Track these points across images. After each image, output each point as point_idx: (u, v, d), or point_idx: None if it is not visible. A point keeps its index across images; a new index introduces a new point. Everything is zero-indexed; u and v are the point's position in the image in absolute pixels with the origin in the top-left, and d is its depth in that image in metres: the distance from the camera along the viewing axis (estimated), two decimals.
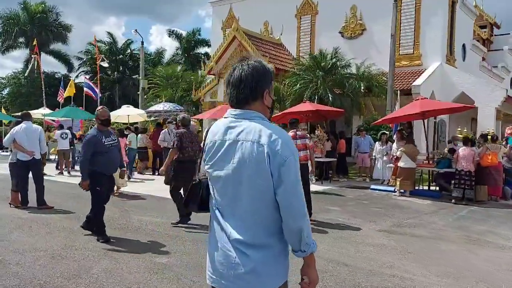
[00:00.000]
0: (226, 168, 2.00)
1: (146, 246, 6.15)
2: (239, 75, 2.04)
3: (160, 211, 8.87)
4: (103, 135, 6.27)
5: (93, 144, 6.18)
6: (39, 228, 7.05)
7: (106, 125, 6.50)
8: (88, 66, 46.87)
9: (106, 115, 6.46)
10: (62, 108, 20.92)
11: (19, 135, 8.61)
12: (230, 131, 2.02)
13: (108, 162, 6.29)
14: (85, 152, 6.23)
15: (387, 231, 7.65)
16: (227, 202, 2.02)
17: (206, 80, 23.12)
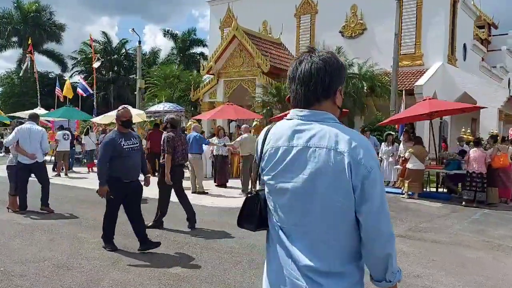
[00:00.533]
0: (294, 180, 1.67)
1: (156, 255, 5.80)
2: (309, 69, 1.71)
3: (167, 216, 8.50)
4: (122, 138, 5.73)
5: (111, 147, 5.67)
6: (40, 235, 6.68)
7: (127, 127, 5.94)
8: (82, 66, 46.32)
9: (128, 115, 5.90)
10: (58, 109, 20.46)
11: (22, 137, 8.23)
12: (298, 136, 1.69)
13: (126, 167, 5.74)
14: (102, 155, 5.72)
15: (404, 236, 7.36)
16: (294, 220, 1.69)
17: (205, 80, 22.75)
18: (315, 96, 1.71)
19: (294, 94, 1.76)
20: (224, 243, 6.51)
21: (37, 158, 8.30)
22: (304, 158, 1.65)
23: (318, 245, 1.65)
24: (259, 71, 19.14)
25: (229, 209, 9.49)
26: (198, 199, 10.52)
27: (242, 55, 19.95)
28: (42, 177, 8.56)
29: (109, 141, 5.71)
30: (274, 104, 17.28)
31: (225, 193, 11.63)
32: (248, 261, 5.63)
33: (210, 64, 20.62)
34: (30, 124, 8.47)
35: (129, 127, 6.00)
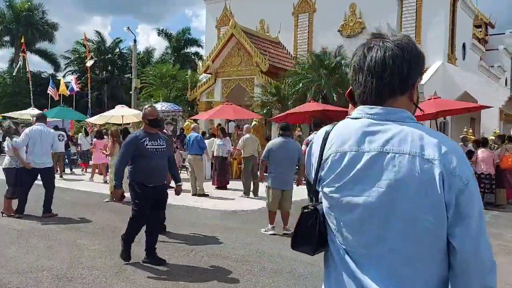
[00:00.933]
0: (366, 194, 1.34)
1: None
2: (382, 57, 1.39)
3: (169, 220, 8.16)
4: (147, 137, 5.22)
5: (133, 146, 5.16)
6: (37, 242, 6.33)
7: (155, 126, 5.42)
8: (75, 66, 45.80)
9: (155, 114, 5.42)
10: (52, 108, 20.05)
11: (33, 138, 7.89)
12: (371, 139, 1.37)
13: (149, 169, 5.17)
14: (122, 154, 5.23)
15: None
16: (365, 243, 1.36)
17: (202, 80, 22.39)
18: (390, 89, 1.40)
19: (362, 87, 1.44)
20: (231, 249, 6.19)
21: (46, 163, 8.01)
22: (379, 167, 1.33)
23: (398, 274, 1.33)
24: (257, 70, 18.81)
25: (232, 212, 9.20)
26: (199, 202, 10.21)
27: (240, 54, 19.60)
28: (50, 182, 8.24)
29: (132, 139, 5.25)
30: (274, 103, 16.96)
31: (226, 195, 11.30)
32: (260, 269, 5.32)
33: (208, 63, 20.25)
34: (41, 125, 8.13)
35: (157, 127, 5.49)
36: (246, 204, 10.11)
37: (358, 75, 1.44)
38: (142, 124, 5.53)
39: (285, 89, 16.94)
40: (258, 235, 7.13)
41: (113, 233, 6.92)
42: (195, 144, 11.08)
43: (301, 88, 15.72)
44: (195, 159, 11.10)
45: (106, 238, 6.62)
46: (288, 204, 7.17)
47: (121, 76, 45.73)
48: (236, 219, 8.49)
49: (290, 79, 16.46)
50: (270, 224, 7.20)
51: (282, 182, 6.99)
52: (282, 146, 6.98)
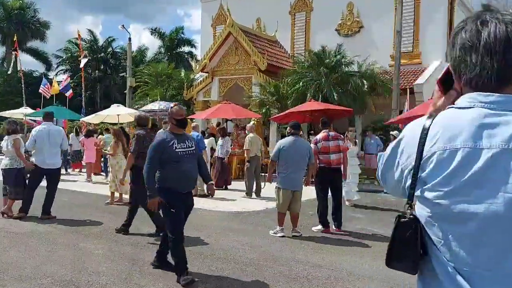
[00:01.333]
0: (488, 201, 1.09)
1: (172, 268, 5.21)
2: (504, 32, 1.15)
3: None
4: (175, 140, 4.69)
5: (160, 150, 4.65)
6: (38, 245, 6.04)
7: (183, 127, 4.93)
8: (67, 65, 45.25)
9: (183, 113, 4.90)
10: (46, 108, 19.57)
11: (40, 138, 7.60)
12: (490, 133, 1.13)
13: (179, 175, 4.67)
14: (150, 159, 4.68)
15: None
16: (486, 262, 1.11)
17: (198, 79, 22.11)
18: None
19: (476, 70, 1.19)
20: (241, 253, 5.95)
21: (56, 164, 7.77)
22: (504, 167, 1.10)
23: None
24: (255, 69, 18.58)
25: (236, 214, 8.95)
26: (200, 203, 9.87)
27: (238, 52, 19.35)
28: (55, 184, 7.99)
29: (159, 143, 4.74)
30: (273, 103, 16.72)
31: (227, 196, 11.02)
32: (274, 274, 5.08)
33: (204, 62, 19.98)
34: (47, 125, 7.85)
35: (184, 127, 5.05)
36: (249, 205, 9.86)
37: (470, 55, 1.20)
38: (168, 125, 4.99)
39: (284, 88, 16.70)
40: (267, 237, 6.89)
41: (116, 236, 6.67)
42: None
43: (301, 87, 15.49)
44: None
45: (109, 241, 6.35)
46: (298, 205, 6.95)
47: (114, 75, 45.25)
48: (241, 221, 8.24)
49: (290, 78, 16.22)
50: (279, 226, 6.96)
51: (293, 183, 6.76)
52: (293, 146, 6.74)
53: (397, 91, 15.64)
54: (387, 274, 5.17)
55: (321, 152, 7.21)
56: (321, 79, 15.53)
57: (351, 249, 6.28)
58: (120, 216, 8.13)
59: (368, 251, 6.24)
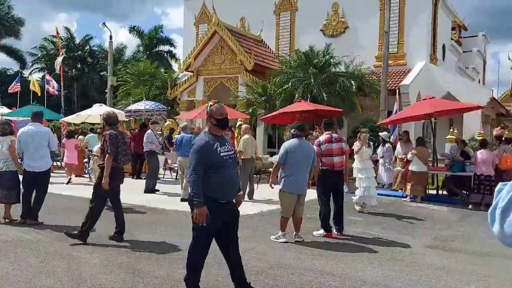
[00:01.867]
0: None
1: (173, 278, 4.90)
2: None
3: (168, 227, 7.59)
4: (217, 142, 4.17)
5: (206, 154, 4.10)
6: (28, 255, 5.63)
7: (223, 128, 4.41)
8: (42, 63, 44.09)
9: (224, 112, 4.33)
10: (24, 107, 18.95)
11: (24, 140, 7.17)
12: None
13: (224, 182, 4.17)
14: (195, 164, 4.09)
15: (434, 247, 6.76)
16: None
17: (182, 78, 21.71)
18: None
19: None
20: (247, 261, 5.61)
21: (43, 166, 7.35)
22: None
23: None
24: (242, 69, 18.32)
25: None
26: None
27: (223, 51, 19.06)
28: (43, 187, 7.56)
29: (204, 146, 4.12)
30: (261, 103, 16.47)
31: None
32: (287, 284, 4.84)
33: (189, 61, 19.61)
34: (34, 125, 7.41)
35: (225, 128, 4.56)
36: (244, 208, 9.40)
37: None
38: (208, 126, 4.36)
39: (271, 89, 16.46)
40: (268, 243, 6.63)
41: (112, 244, 6.30)
42: (185, 145, 10.42)
43: (290, 87, 15.29)
44: (187, 160, 10.46)
45: (105, 249, 5.98)
46: (302, 209, 6.72)
47: (92, 74, 44.30)
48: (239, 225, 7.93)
49: (278, 78, 15.99)
50: (282, 231, 6.71)
51: (298, 186, 6.51)
52: (299, 148, 6.49)
53: (385, 92, 15.59)
54: (403, 282, 4.99)
55: (324, 154, 6.99)
56: (309, 79, 15.35)
57: (359, 255, 6.07)
58: (109, 220, 7.76)
59: (376, 256, 6.04)
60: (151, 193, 11.30)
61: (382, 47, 20.91)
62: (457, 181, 11.66)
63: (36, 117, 7.76)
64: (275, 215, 8.90)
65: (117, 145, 6.25)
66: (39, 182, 7.54)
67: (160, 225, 7.74)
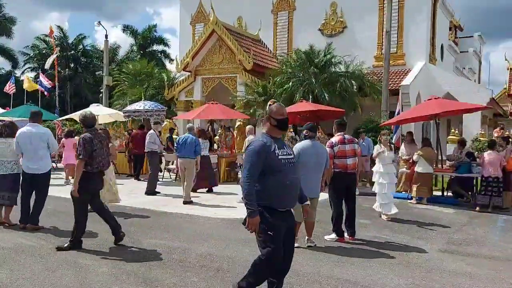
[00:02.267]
0: None
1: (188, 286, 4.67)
2: None
3: (174, 231, 7.33)
4: (275, 144, 3.84)
5: (263, 156, 3.74)
6: (32, 263, 5.36)
7: (284, 129, 4.06)
8: (35, 62, 43.54)
9: (284, 112, 3.96)
10: (18, 107, 18.53)
11: (22, 141, 6.89)
12: None
13: (282, 188, 3.79)
14: (251, 167, 3.72)
15: (450, 252, 6.57)
16: None
17: (179, 78, 21.42)
18: None
19: None
20: None
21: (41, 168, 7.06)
22: None
23: None
24: (240, 69, 18.08)
25: (239, 221, 8.35)
26: (197, 210, 9.34)
27: (222, 51, 18.81)
28: (42, 190, 7.28)
29: (261, 147, 3.75)
30: (261, 103, 16.22)
31: (220, 201, 10.44)
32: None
33: (187, 61, 19.33)
34: (32, 126, 7.12)
35: (286, 129, 4.20)
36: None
37: None
38: (266, 126, 3.97)
39: (271, 89, 16.25)
40: None
41: (119, 250, 6.05)
42: (189, 146, 10.15)
43: (290, 87, 15.08)
44: (191, 162, 10.21)
45: (113, 256, 5.72)
46: (314, 213, 6.51)
47: (85, 74, 43.78)
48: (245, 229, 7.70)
49: (278, 78, 15.78)
50: None
51: (311, 189, 6.27)
52: (312, 149, 6.27)
53: (387, 92, 15.43)
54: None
55: (337, 156, 6.78)
56: (311, 79, 15.16)
57: (376, 261, 5.86)
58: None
59: (394, 262, 5.84)
60: (152, 195, 11.04)
61: (381, 47, 20.90)
62: (461, 182, 11.50)
63: (34, 117, 7.46)
64: None
65: (92, 149, 5.90)
66: (39, 184, 7.28)
67: (165, 229, 7.49)
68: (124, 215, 8.47)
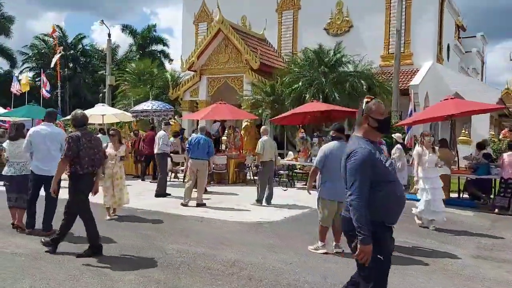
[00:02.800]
0: None
1: None
2: None
3: (193, 235, 7.07)
4: (377, 151, 3.25)
5: (371, 166, 3.13)
6: (54, 271, 5.07)
7: (386, 131, 3.59)
8: (33, 62, 43.14)
9: (385, 111, 3.40)
10: (21, 107, 18.18)
11: (36, 140, 6.61)
12: None
13: (395, 200, 3.21)
14: (360, 183, 3.08)
15: (484, 258, 6.34)
16: None
17: (183, 77, 21.13)
18: None
19: None
20: (294, 276, 5.19)
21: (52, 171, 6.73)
22: None
23: None
24: (247, 68, 17.82)
25: (257, 225, 8.15)
26: (211, 213, 9.07)
27: (227, 50, 18.54)
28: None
29: (367, 157, 3.13)
30: (270, 103, 15.97)
31: (232, 204, 10.16)
32: None
33: (192, 60, 19.04)
34: (47, 125, 6.84)
35: (388, 131, 3.43)
36: (264, 214, 9.08)
37: None
38: (362, 128, 3.34)
39: (279, 88, 16.00)
40: (309, 254, 6.16)
41: (141, 256, 5.78)
42: (202, 147, 9.86)
43: (300, 87, 14.83)
44: (204, 164, 9.92)
45: (137, 264, 5.45)
46: None
47: (84, 74, 43.41)
48: (268, 233, 7.46)
49: (288, 78, 15.53)
50: (321, 242, 6.24)
51: (339, 193, 5.95)
52: (340, 151, 6.00)
53: (397, 92, 15.22)
54: None
55: None
56: (320, 79, 14.91)
57: (409, 268, 5.61)
58: (132, 229, 7.29)
59: (428, 269, 5.62)
60: (163, 197, 10.77)
61: (387, 46, 20.74)
62: (478, 184, 11.29)
63: (49, 117, 7.20)
64: (300, 221, 8.49)
65: (78, 149, 5.64)
66: (47, 187, 6.98)
67: (184, 233, 7.23)
68: (137, 219, 8.22)
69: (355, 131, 3.43)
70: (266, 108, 16.02)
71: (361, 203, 3.04)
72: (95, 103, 20.27)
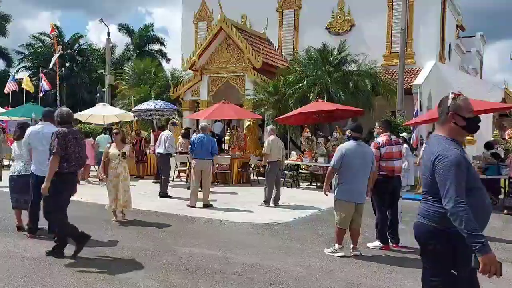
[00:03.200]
0: None
1: None
2: None
3: (205, 237, 6.89)
4: (464, 153, 2.90)
5: (465, 169, 2.78)
6: (66, 276, 4.89)
7: (475, 131, 3.08)
8: (29, 62, 42.75)
9: (473, 109, 3.02)
10: (19, 107, 17.97)
11: (34, 140, 6.39)
12: None
13: (485, 210, 2.90)
14: (458, 187, 2.72)
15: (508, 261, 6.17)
16: None
17: (184, 77, 20.93)
18: None
19: None
20: (313, 280, 5.03)
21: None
22: None
23: None
24: (249, 67, 17.63)
25: (267, 226, 7.98)
26: (219, 214, 8.88)
27: (229, 49, 18.34)
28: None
29: (460, 158, 2.78)
30: (273, 103, 15.79)
31: (238, 205, 9.95)
32: None
33: (193, 59, 18.83)
34: (45, 125, 6.59)
35: (477, 131, 3.11)
36: (273, 215, 8.90)
37: None
38: (447, 128, 2.97)
39: (282, 88, 15.83)
40: (326, 257, 5.99)
41: (154, 259, 5.59)
42: (206, 146, 9.65)
43: (304, 86, 14.67)
44: (208, 164, 9.73)
45: (151, 268, 5.27)
46: (360, 220, 6.10)
47: (81, 73, 43.07)
48: (279, 235, 7.29)
49: (292, 77, 15.35)
50: (338, 244, 6.07)
51: (357, 194, 5.89)
52: (357, 151, 5.87)
53: (402, 91, 15.07)
54: None
55: (383, 158, 6.37)
56: (325, 78, 14.76)
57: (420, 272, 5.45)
58: (140, 232, 7.10)
59: None
60: (166, 198, 10.58)
61: (390, 46, 20.60)
62: (485, 183, 11.16)
63: (48, 117, 6.94)
64: (311, 223, 8.32)
65: (66, 144, 5.53)
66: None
67: (195, 235, 7.05)
68: (145, 221, 8.03)
69: (436, 130, 3.14)
70: (269, 107, 15.84)
71: (465, 209, 2.66)
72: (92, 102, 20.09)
